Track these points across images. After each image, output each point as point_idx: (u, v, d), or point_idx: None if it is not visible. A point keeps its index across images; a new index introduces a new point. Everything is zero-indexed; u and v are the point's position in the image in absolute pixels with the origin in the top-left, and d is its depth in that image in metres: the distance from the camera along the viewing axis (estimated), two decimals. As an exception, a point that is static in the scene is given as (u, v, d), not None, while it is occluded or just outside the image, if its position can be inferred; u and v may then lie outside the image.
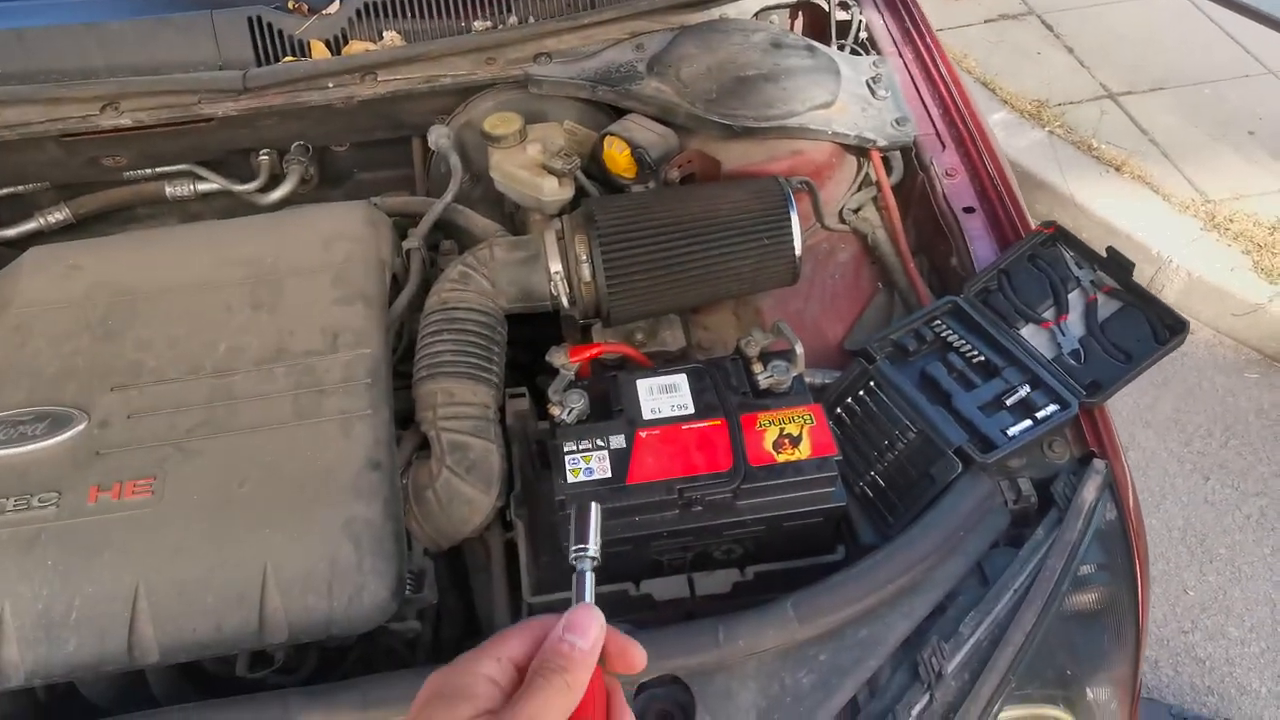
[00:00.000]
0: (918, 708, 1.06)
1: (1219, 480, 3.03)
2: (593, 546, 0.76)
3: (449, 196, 1.53)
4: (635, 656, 0.68)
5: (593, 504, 0.78)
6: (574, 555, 0.75)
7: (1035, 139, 4.05)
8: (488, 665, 0.62)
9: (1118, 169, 3.87)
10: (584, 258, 1.37)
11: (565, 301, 1.41)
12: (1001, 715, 1.07)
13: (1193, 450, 3.12)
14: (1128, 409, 3.21)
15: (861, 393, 1.37)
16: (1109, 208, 3.71)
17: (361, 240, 1.41)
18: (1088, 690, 1.16)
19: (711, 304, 1.57)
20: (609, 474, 1.19)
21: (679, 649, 1.04)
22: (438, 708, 0.60)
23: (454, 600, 1.43)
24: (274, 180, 1.85)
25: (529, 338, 1.62)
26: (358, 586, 1.10)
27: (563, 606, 0.68)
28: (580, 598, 0.71)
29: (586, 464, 1.20)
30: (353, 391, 1.23)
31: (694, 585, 1.25)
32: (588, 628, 0.65)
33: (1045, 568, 1.17)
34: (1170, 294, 3.52)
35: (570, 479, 1.18)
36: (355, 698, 0.93)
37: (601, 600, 1.22)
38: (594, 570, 0.74)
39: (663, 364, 1.47)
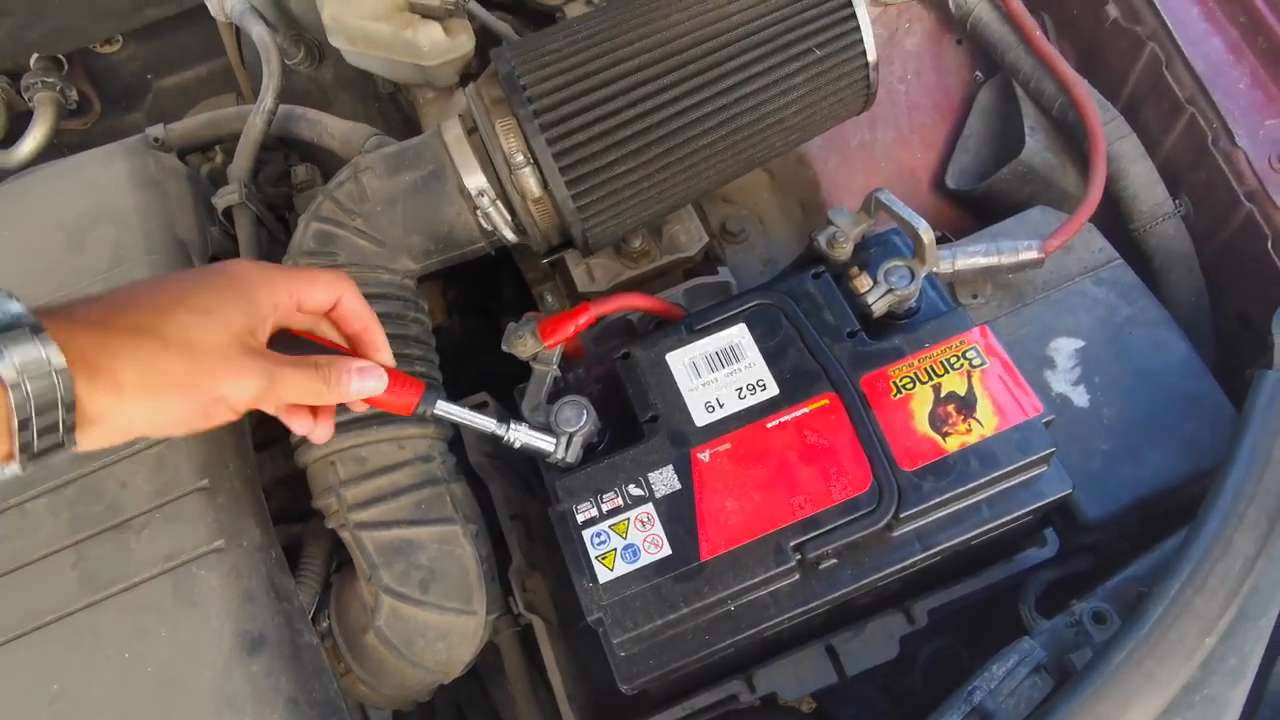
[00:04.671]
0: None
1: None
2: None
3: (268, 97, 0.93)
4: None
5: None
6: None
7: None
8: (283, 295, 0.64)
9: None
10: (520, 158, 0.80)
11: (509, 235, 0.86)
12: None
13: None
14: None
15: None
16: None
17: (136, 218, 0.83)
18: None
19: (731, 168, 1.01)
20: (666, 549, 0.68)
21: None
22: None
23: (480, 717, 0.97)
24: (17, 121, 1.22)
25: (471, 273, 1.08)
26: None
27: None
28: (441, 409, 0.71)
29: (623, 539, 0.69)
30: (179, 513, 0.70)
31: (840, 659, 0.78)
32: (370, 381, 0.67)
33: None
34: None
35: (603, 576, 0.68)
36: None
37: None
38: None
39: (693, 301, 0.94)
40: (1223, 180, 0.90)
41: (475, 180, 0.82)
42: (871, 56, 0.84)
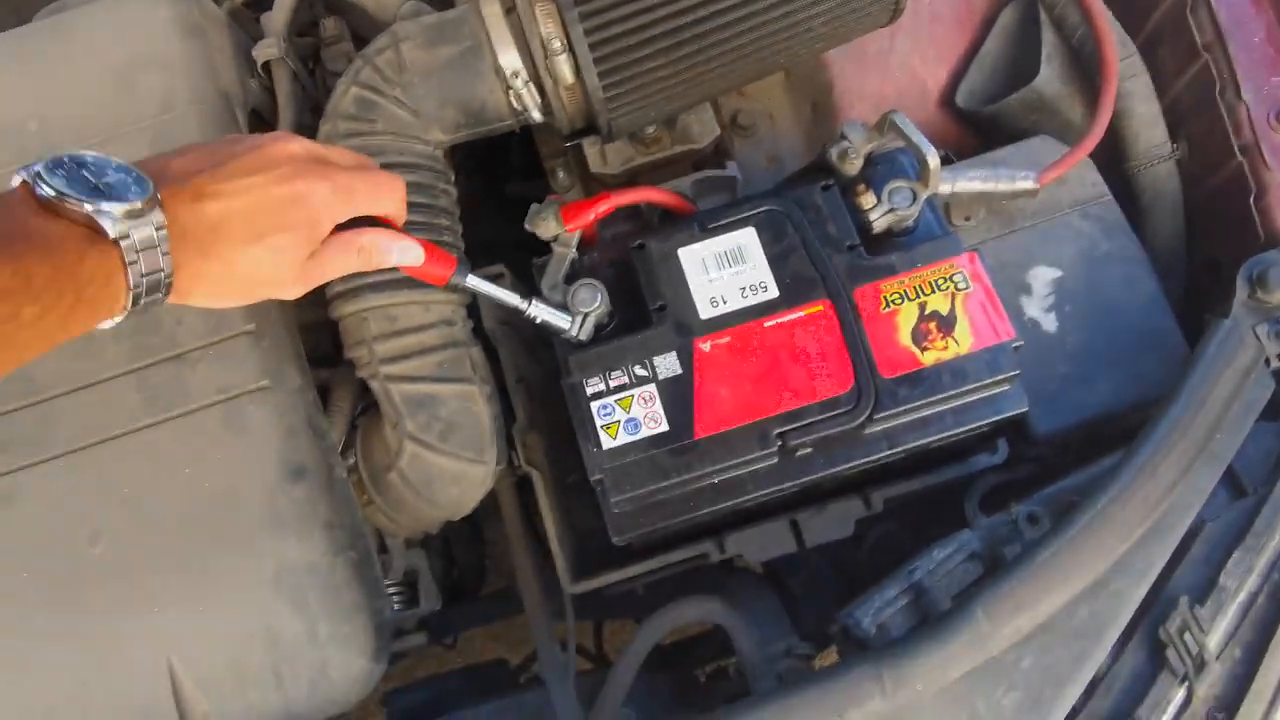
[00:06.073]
0: (1171, 709, 0.76)
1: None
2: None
3: (310, -48, 0.96)
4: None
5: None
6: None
7: None
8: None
9: None
10: (558, 44, 0.85)
11: (536, 116, 0.91)
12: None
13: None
14: None
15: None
16: None
17: (181, 65, 0.87)
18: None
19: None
20: (664, 425, 0.78)
21: (828, 709, 0.71)
22: None
23: (465, 552, 1.10)
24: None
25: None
26: (317, 664, 0.75)
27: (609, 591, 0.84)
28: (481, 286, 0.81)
29: (626, 413, 0.79)
30: (229, 351, 0.79)
31: (801, 532, 0.90)
32: (410, 256, 0.76)
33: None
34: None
35: (606, 443, 0.78)
36: None
37: (673, 580, 0.88)
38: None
39: (700, 192, 1.01)
40: (1221, 130, 0.96)
41: (510, 60, 0.87)
42: (907, -28, 0.88)
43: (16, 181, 0.55)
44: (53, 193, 0.53)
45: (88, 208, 0.53)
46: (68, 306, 0.53)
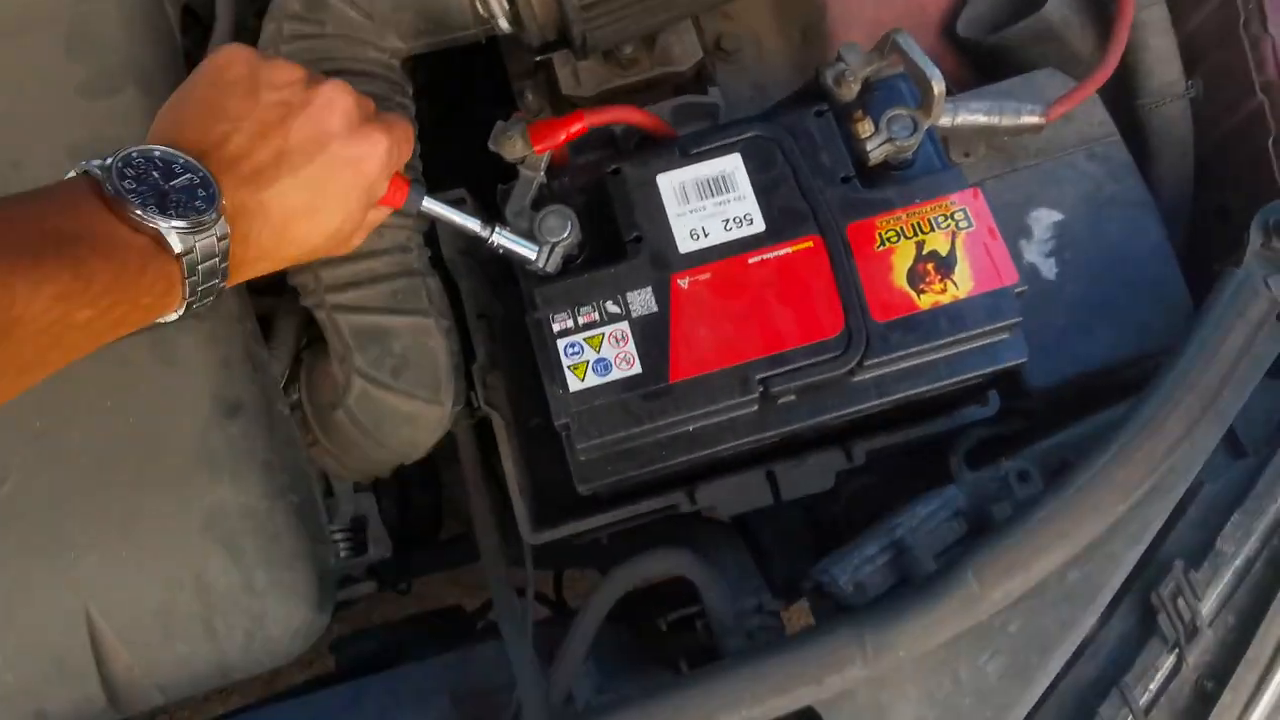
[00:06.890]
0: (1159, 676, 0.73)
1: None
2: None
3: None
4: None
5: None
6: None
7: None
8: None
9: None
10: (529, -57, 0.77)
11: (503, 24, 0.83)
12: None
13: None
14: None
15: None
16: None
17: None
18: None
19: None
20: (637, 367, 0.73)
21: (805, 676, 0.67)
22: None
23: (420, 495, 1.05)
24: None
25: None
26: (254, 615, 0.70)
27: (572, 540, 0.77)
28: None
29: (595, 352, 0.73)
30: (158, 274, 0.71)
31: (778, 484, 0.86)
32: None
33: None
34: None
35: (573, 385, 0.72)
36: None
37: (640, 530, 0.85)
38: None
39: (679, 120, 0.94)
40: (1242, 67, 0.91)
41: (478, -39, 0.79)
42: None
43: (77, 170, 0.54)
44: (121, 194, 0.52)
45: (160, 224, 0.52)
46: (122, 312, 0.52)
